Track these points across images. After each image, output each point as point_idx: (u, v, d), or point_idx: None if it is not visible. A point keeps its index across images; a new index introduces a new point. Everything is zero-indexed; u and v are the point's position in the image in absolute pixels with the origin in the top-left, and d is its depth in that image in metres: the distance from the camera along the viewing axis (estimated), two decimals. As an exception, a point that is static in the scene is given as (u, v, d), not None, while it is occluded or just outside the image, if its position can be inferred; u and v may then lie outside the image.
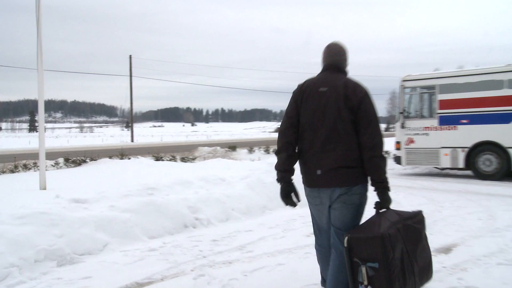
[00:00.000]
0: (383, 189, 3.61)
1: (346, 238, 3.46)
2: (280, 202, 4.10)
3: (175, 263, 5.55)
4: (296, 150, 3.86)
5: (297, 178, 3.94)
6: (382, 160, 3.60)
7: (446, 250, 6.11)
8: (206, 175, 9.50)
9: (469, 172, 14.95)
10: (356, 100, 3.59)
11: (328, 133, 3.62)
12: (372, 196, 3.74)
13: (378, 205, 3.64)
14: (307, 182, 3.87)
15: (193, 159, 18.91)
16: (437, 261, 5.56)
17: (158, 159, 16.91)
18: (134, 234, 6.52)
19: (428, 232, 6.90)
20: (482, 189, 12.25)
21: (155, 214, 7.05)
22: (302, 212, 8.85)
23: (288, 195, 3.93)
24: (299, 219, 8.14)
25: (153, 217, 6.98)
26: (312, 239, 6.63)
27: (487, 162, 14.13)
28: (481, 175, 14.23)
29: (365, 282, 3.36)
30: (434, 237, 6.76)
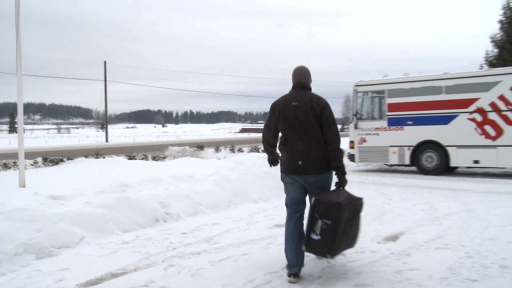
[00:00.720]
0: (341, 172, 4.61)
1: (313, 199, 4.48)
2: (244, 197, 4.69)
3: (147, 254, 5.51)
4: (276, 143, 4.96)
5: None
6: (340, 152, 4.59)
7: (394, 238, 6.24)
8: (176, 172, 9.44)
9: (414, 168, 15.28)
10: (319, 110, 4.55)
11: (302, 134, 4.56)
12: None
13: (337, 184, 4.64)
14: (286, 169, 4.72)
15: (164, 158, 18.76)
16: (386, 248, 5.70)
17: (131, 158, 16.68)
18: (108, 228, 6.44)
19: (378, 222, 7.10)
20: (425, 183, 12.55)
21: (128, 209, 6.98)
22: (265, 206, 8.94)
23: (273, 161, 5.16)
24: (262, 213, 8.18)
25: (126, 212, 6.91)
26: (273, 231, 6.72)
27: (429, 159, 14.50)
28: (424, 171, 14.60)
29: (318, 232, 4.36)
30: (384, 227, 6.93)
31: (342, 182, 4.61)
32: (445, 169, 14.51)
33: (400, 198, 9.84)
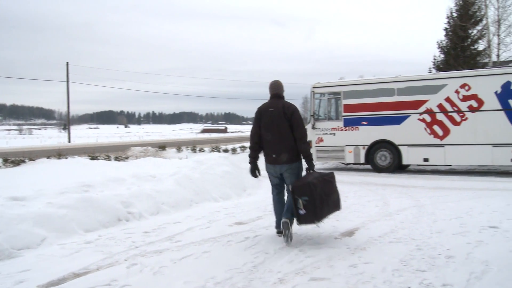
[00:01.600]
0: (309, 160, 5.87)
1: (290, 187, 5.69)
2: (206, 196, 5.28)
3: (110, 254, 5.41)
4: (261, 143, 6.03)
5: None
6: (307, 145, 5.90)
7: (350, 233, 6.34)
8: (138, 172, 9.31)
9: (368, 166, 15.58)
10: (289, 114, 5.81)
11: (277, 133, 5.83)
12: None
13: (307, 169, 5.90)
14: (267, 160, 6.04)
15: (126, 158, 18.45)
16: (343, 243, 5.78)
17: (93, 158, 16.32)
18: (71, 228, 6.29)
19: (335, 219, 7.20)
20: (379, 180, 12.81)
21: (90, 209, 6.84)
22: (225, 204, 8.92)
23: (254, 171, 6.16)
24: (223, 211, 8.17)
25: (88, 212, 6.77)
26: (234, 229, 6.72)
27: (383, 157, 14.82)
28: (378, 169, 14.91)
29: (302, 208, 5.55)
30: (340, 223, 7.02)
31: (310, 166, 5.90)
32: (398, 167, 14.87)
33: (356, 195, 10.01)
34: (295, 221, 5.77)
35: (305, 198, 5.51)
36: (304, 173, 5.97)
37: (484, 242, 5.70)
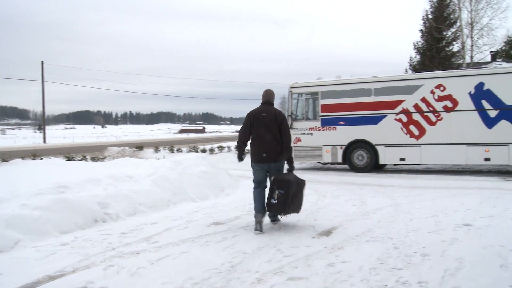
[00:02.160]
0: (290, 161, 6.95)
1: (273, 177, 6.62)
2: (183, 196, 5.72)
3: (86, 255, 5.33)
4: (247, 141, 6.89)
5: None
6: (290, 148, 6.77)
7: (327, 232, 6.38)
8: (115, 173, 9.22)
9: (346, 166, 15.71)
10: (280, 120, 6.64)
11: (267, 135, 6.60)
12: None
13: (288, 169, 6.89)
14: (256, 159, 6.76)
15: (103, 158, 18.28)
16: (320, 243, 5.81)
17: (69, 159, 16.13)
18: (46, 230, 6.17)
19: (313, 218, 7.24)
20: (356, 180, 12.92)
21: (66, 210, 6.73)
22: (203, 205, 8.90)
23: (240, 156, 7.02)
24: (201, 211, 8.14)
25: (64, 214, 6.66)
26: (212, 229, 6.70)
27: (360, 157, 14.96)
28: (355, 168, 15.04)
29: (275, 198, 6.44)
30: (318, 222, 7.07)
31: (291, 168, 6.94)
32: (375, 166, 15.03)
33: (333, 195, 10.08)
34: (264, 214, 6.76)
35: (281, 191, 6.42)
36: (285, 171, 6.89)
37: (458, 240, 5.80)
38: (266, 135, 6.59)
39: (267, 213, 6.82)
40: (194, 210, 8.24)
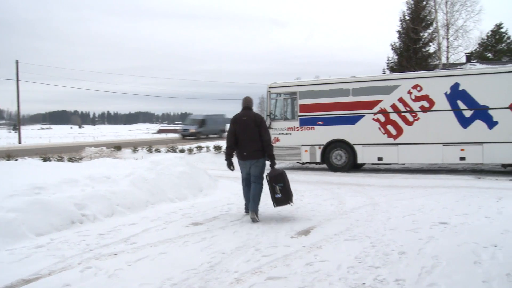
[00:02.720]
0: (272, 158, 7.50)
1: (267, 177, 7.40)
2: (162, 197, 5.87)
3: (63, 257, 5.26)
4: (234, 145, 7.61)
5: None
6: (271, 146, 7.48)
7: (306, 232, 6.41)
8: (92, 173, 9.09)
9: (324, 166, 15.79)
10: (258, 122, 7.48)
11: (249, 136, 7.43)
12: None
13: (270, 166, 7.52)
14: (240, 157, 7.62)
15: (80, 159, 18.04)
16: (298, 242, 5.84)
17: (45, 159, 15.86)
18: (20, 233, 6.06)
19: (291, 217, 7.27)
20: (334, 179, 13.01)
21: (42, 212, 6.62)
22: (182, 205, 8.86)
23: (229, 165, 7.71)
24: (179, 212, 8.10)
25: (40, 215, 6.55)
26: (190, 229, 6.68)
27: (338, 156, 15.06)
28: (333, 168, 15.13)
29: (279, 192, 7.28)
30: (296, 222, 7.10)
31: (273, 164, 7.54)
32: (353, 166, 15.15)
33: (312, 194, 10.13)
34: (269, 204, 7.91)
35: (281, 185, 7.31)
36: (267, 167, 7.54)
37: (434, 238, 5.90)
38: (246, 136, 7.44)
39: (248, 210, 7.57)
40: (173, 211, 8.19)
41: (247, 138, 7.44)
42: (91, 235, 6.32)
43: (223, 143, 23.38)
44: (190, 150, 21.05)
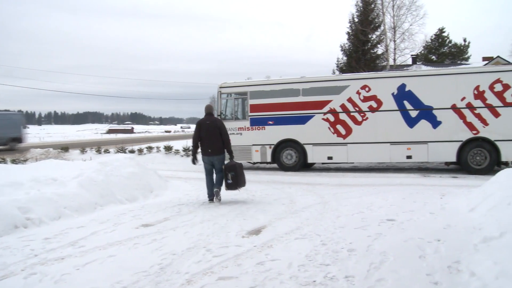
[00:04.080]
0: (230, 153, 9.26)
1: (223, 167, 9.09)
2: (111, 198, 6.12)
3: (4, 265, 5.03)
4: (198, 145, 9.33)
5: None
6: (230, 144, 9.20)
7: (257, 231, 6.43)
8: (38, 176, 8.79)
9: (275, 165, 15.90)
10: (219, 125, 9.12)
11: (212, 137, 9.02)
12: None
13: (230, 159, 9.17)
14: (205, 153, 9.15)
15: (25, 161, 17.41)
16: (249, 242, 5.85)
17: (-14, 162, 15.21)
18: (-41, 238, 5.78)
19: (242, 217, 7.28)
20: (285, 179, 13.13)
21: (-18, 217, 6.33)
22: (131, 207, 8.71)
23: (193, 161, 9.31)
24: (129, 213, 7.96)
25: (-20, 220, 6.26)
26: (140, 231, 6.57)
27: (289, 156, 15.21)
28: (284, 167, 15.27)
29: (230, 178, 8.92)
30: (247, 222, 7.11)
31: (231, 158, 9.26)
32: (303, 165, 15.34)
33: (263, 194, 10.19)
34: (223, 188, 9.20)
35: (232, 173, 8.96)
36: (227, 161, 9.21)
37: (382, 234, 6.05)
38: (210, 136, 9.05)
39: (213, 192, 9.20)
40: (122, 212, 8.04)
41: (210, 138, 9.04)
42: (36, 240, 6.10)
43: (174, 143, 23.15)
44: (140, 151, 20.73)
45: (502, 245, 4.72)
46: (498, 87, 13.08)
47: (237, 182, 9.00)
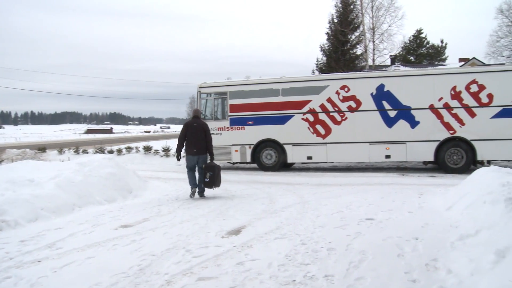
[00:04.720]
0: (211, 155, 10.17)
1: (203, 166, 9.91)
2: (89, 199, 6.61)
3: (-21, 267, 4.94)
4: (183, 145, 10.15)
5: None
6: (212, 146, 10.15)
7: (237, 231, 6.43)
8: (14, 177, 8.64)
9: (255, 165, 15.92)
10: (205, 128, 9.99)
11: (198, 138, 9.86)
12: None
13: (210, 159, 10.11)
14: (190, 152, 9.90)
15: (0, 162, 17.10)
16: (229, 242, 5.84)
17: (-39, 162, 14.90)
18: None
19: (222, 218, 7.27)
20: (265, 179, 13.15)
21: (-44, 219, 6.20)
22: (110, 207, 8.63)
23: (178, 157, 10.22)
24: (108, 214, 7.88)
25: (-46, 222, 6.13)
26: (119, 232, 6.51)
27: (268, 156, 15.25)
28: (264, 167, 15.30)
29: (207, 178, 9.75)
30: (227, 222, 7.10)
31: (212, 159, 10.12)
32: (283, 165, 15.39)
33: (243, 194, 10.19)
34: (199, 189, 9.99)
35: (211, 173, 9.72)
36: (208, 161, 10.06)
37: (361, 233, 6.10)
38: (196, 137, 9.86)
39: (197, 190, 10.00)
40: (101, 213, 7.96)
41: (196, 139, 9.87)
42: (11, 242, 5.99)
43: (153, 144, 23.00)
44: (119, 151, 20.55)
45: (477, 242, 4.82)
46: (474, 88, 13.31)
47: (213, 181, 9.80)
